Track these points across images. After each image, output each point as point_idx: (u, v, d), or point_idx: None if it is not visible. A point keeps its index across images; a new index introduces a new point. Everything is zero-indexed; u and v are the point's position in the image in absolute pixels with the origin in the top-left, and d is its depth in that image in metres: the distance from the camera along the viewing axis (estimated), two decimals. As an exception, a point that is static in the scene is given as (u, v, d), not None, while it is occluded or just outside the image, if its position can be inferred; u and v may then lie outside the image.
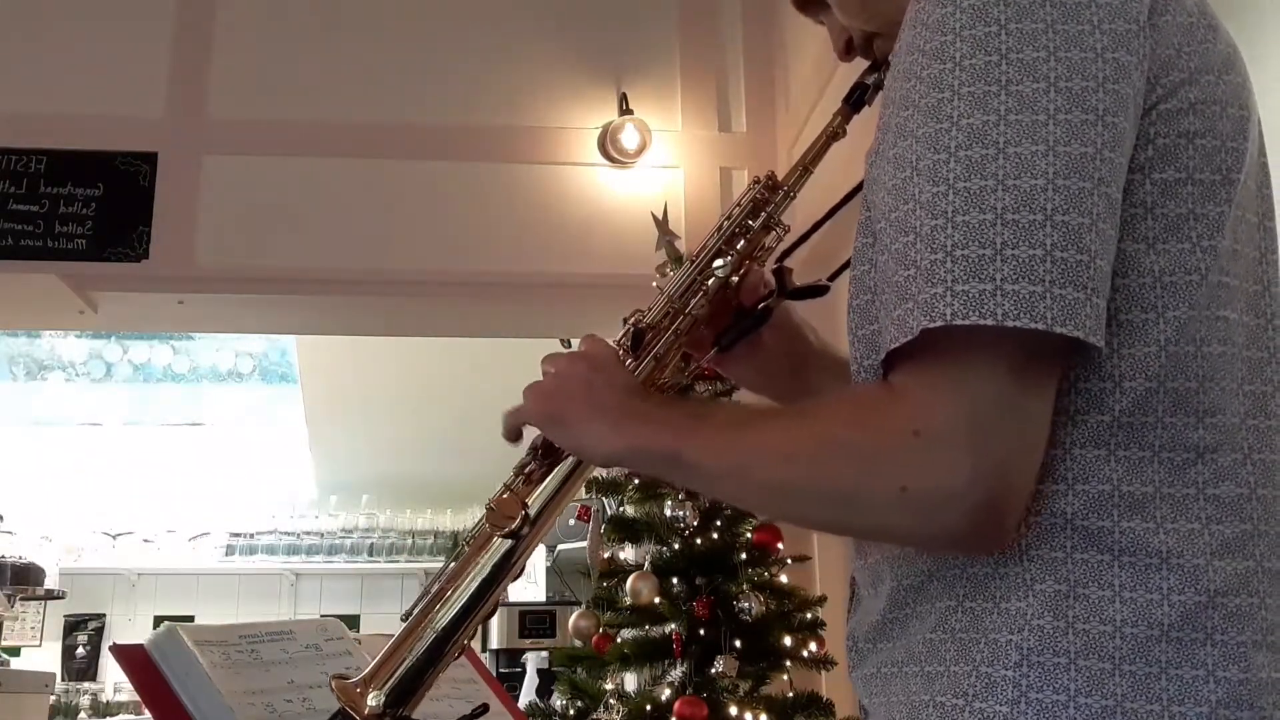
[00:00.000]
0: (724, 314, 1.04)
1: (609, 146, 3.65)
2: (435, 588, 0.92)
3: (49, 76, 3.59)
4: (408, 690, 0.86)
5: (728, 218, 1.05)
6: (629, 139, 3.64)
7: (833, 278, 1.03)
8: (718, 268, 1.02)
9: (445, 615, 0.89)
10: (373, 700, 0.85)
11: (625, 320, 1.01)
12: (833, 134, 1.04)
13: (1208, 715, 0.69)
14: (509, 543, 0.91)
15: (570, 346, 0.98)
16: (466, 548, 0.92)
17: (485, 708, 1.04)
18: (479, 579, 0.90)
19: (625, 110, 3.68)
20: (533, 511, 0.91)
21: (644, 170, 3.69)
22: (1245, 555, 0.73)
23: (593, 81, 3.76)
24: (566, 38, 3.79)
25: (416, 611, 0.90)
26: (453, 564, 0.93)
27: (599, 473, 2.83)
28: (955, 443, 0.68)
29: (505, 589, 0.93)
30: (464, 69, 3.74)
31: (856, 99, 1.03)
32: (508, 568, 0.91)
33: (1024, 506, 0.71)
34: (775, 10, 3.79)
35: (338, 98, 3.67)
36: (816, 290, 1.03)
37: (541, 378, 0.93)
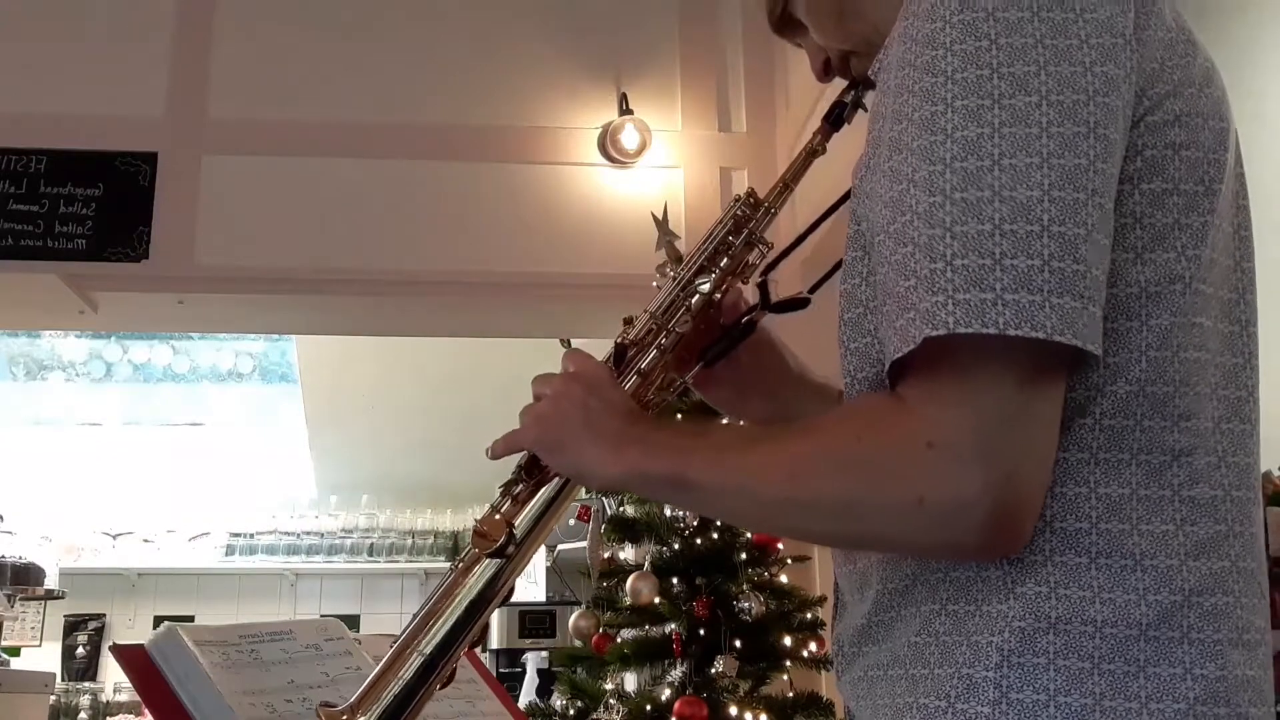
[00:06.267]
0: (709, 331, 1.05)
1: (609, 146, 3.65)
2: (423, 611, 0.91)
3: (49, 76, 3.60)
4: (396, 716, 0.86)
5: (710, 235, 1.05)
6: (629, 139, 3.64)
7: (814, 289, 1.03)
8: (700, 284, 1.02)
9: (433, 639, 0.88)
10: None
11: (624, 322, 1.01)
12: (812, 151, 1.05)
13: (1185, 712, 0.70)
14: (496, 564, 0.90)
15: (570, 346, 0.98)
16: (454, 571, 0.92)
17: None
18: (466, 601, 0.90)
19: (625, 110, 3.68)
20: (519, 532, 0.91)
21: (644, 170, 3.69)
22: (1220, 555, 0.74)
23: (593, 81, 3.76)
24: (566, 38, 3.79)
25: (404, 636, 0.90)
26: (441, 587, 0.92)
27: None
28: (969, 453, 0.69)
29: (494, 611, 0.92)
30: (464, 69, 3.74)
31: (836, 117, 1.04)
32: (495, 589, 0.90)
33: (1037, 513, 0.72)
34: (775, 10, 3.79)
35: (338, 98, 3.67)
36: (798, 303, 1.04)
37: (534, 399, 0.93)
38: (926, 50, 0.74)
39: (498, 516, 0.91)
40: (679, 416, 2.32)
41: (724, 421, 1.25)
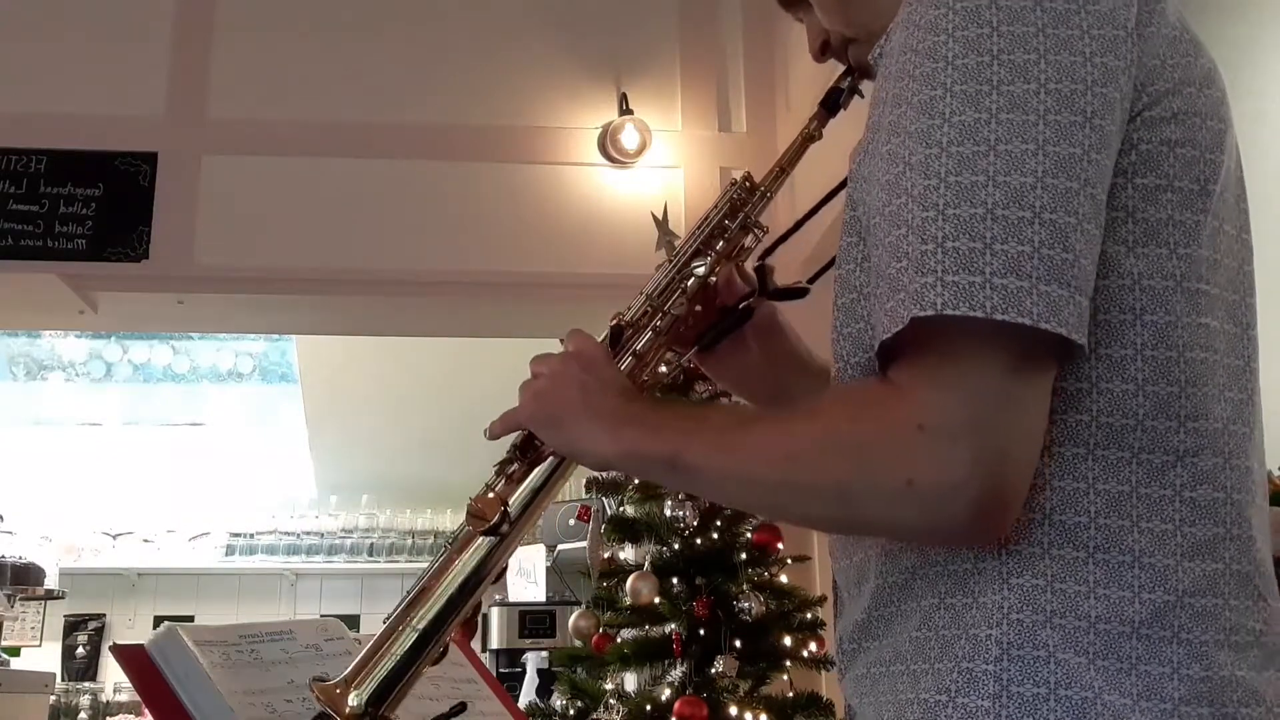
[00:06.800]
0: (708, 313, 1.05)
1: (609, 146, 3.65)
2: (416, 588, 0.92)
3: (49, 76, 3.59)
4: (388, 690, 0.87)
5: (706, 218, 1.06)
6: (629, 139, 3.64)
7: (813, 279, 1.04)
8: (696, 267, 1.03)
9: (426, 615, 0.89)
10: (353, 700, 0.85)
11: (612, 319, 1.02)
12: (809, 136, 1.06)
13: (1170, 712, 0.70)
14: (490, 542, 0.91)
15: None
16: (448, 549, 0.93)
17: (463, 706, 1.04)
18: (460, 579, 0.90)
19: (625, 110, 3.68)
20: (513, 510, 0.92)
21: (644, 170, 3.69)
22: (1215, 558, 0.74)
23: (593, 81, 3.76)
24: (566, 38, 3.79)
25: (397, 611, 0.91)
26: (434, 565, 0.93)
27: (598, 472, 2.83)
28: (959, 436, 0.69)
29: (486, 589, 0.93)
30: (464, 69, 3.74)
31: (832, 102, 1.05)
32: (488, 567, 0.91)
33: (1023, 498, 0.72)
34: (775, 10, 3.78)
35: (338, 98, 3.67)
36: (797, 292, 1.04)
37: (532, 378, 0.94)
38: (928, 36, 0.74)
39: (491, 495, 0.92)
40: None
41: (721, 402, 1.26)
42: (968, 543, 0.75)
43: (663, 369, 1.03)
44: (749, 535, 2.73)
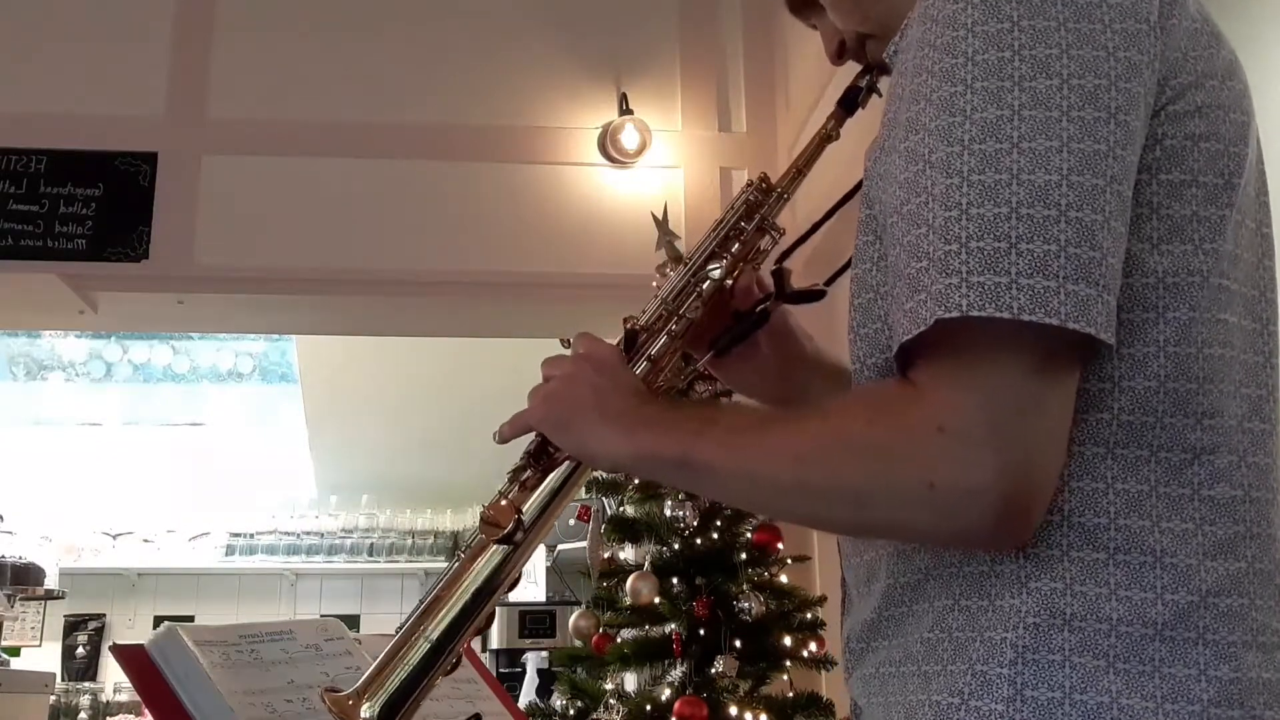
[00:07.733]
0: (722, 316, 1.04)
1: (609, 146, 3.65)
2: (429, 597, 0.90)
3: (49, 76, 3.59)
4: (401, 701, 0.85)
5: (722, 220, 1.04)
6: (629, 139, 3.64)
7: (829, 282, 1.02)
8: (712, 270, 1.01)
9: (439, 625, 0.87)
10: (366, 712, 0.84)
11: (624, 322, 1.01)
12: (826, 136, 1.04)
13: (1200, 714, 0.69)
14: (503, 551, 0.89)
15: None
16: (461, 557, 0.91)
17: (477, 718, 1.04)
18: (473, 588, 0.89)
19: (625, 110, 3.68)
20: (527, 518, 0.90)
21: (644, 170, 3.69)
22: (1237, 556, 0.73)
23: (593, 81, 3.76)
24: (566, 38, 3.79)
25: (410, 621, 0.89)
26: (447, 573, 0.91)
27: (598, 473, 2.83)
28: (980, 439, 0.68)
29: (500, 598, 0.91)
30: (464, 69, 3.74)
31: (850, 102, 1.03)
32: (502, 576, 0.89)
33: (1047, 502, 0.71)
34: (775, 10, 3.78)
35: (338, 98, 3.67)
36: (813, 295, 1.03)
37: (543, 381, 0.93)
38: (947, 31, 0.73)
39: (505, 502, 0.90)
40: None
41: (734, 401, 1.24)
42: (988, 547, 0.74)
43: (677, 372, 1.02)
44: (749, 535, 2.73)
